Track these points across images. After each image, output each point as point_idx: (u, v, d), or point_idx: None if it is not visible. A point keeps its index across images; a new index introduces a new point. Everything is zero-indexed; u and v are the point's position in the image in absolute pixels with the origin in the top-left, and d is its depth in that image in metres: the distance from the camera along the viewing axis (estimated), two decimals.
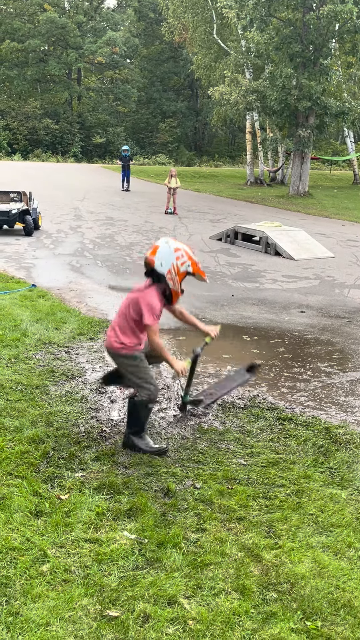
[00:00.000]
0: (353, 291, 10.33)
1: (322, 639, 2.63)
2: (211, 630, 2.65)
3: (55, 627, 2.62)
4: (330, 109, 25.07)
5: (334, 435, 4.66)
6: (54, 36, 52.52)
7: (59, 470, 3.94)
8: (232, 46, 32.50)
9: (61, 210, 19.05)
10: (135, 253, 12.76)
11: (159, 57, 58.69)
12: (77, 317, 7.68)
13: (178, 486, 3.85)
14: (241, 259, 12.86)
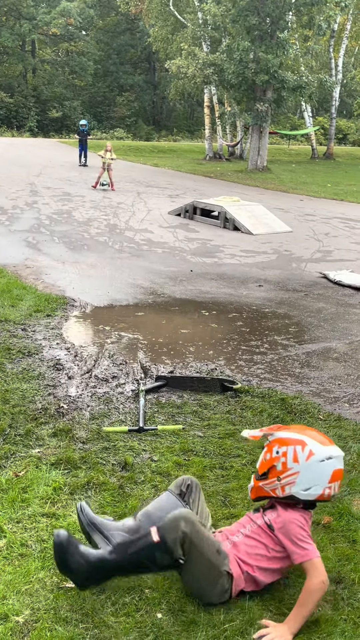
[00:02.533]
0: (310, 265, 10.45)
1: (275, 602, 2.70)
2: (167, 598, 2.69)
3: (11, 600, 2.63)
4: (288, 82, 25.08)
5: (290, 406, 4.74)
6: (6, 6, 51.01)
7: (16, 447, 3.93)
8: (189, 18, 32.14)
9: (17, 185, 18.69)
10: (93, 229, 12.64)
11: (115, 29, 57.65)
12: (34, 294, 7.60)
13: (135, 459, 3.87)
14: (200, 234, 12.86)
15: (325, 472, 2.73)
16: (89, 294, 7.92)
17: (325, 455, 2.75)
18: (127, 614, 2.59)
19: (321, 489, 2.73)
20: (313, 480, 2.73)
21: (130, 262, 9.93)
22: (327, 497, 2.75)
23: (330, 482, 2.74)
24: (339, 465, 2.78)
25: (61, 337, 6.13)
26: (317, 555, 2.66)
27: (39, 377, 5.08)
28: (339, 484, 2.81)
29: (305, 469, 2.73)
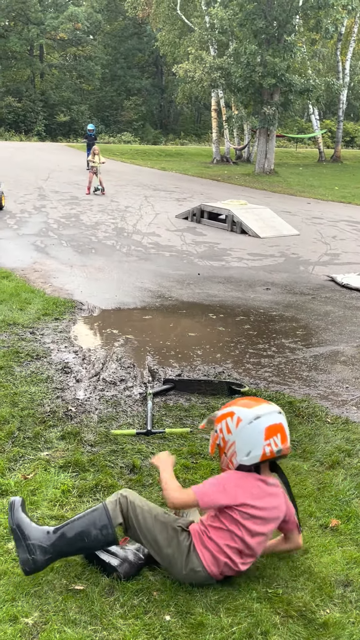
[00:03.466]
0: (317, 268, 10.45)
1: (283, 605, 2.71)
2: (175, 600, 2.70)
3: (20, 602, 2.65)
4: (295, 86, 25.09)
5: (297, 409, 4.75)
6: (14, 11, 51.25)
7: (24, 450, 3.95)
8: (196, 22, 32.21)
9: (25, 190, 18.78)
10: (101, 233, 12.68)
11: (123, 34, 57.81)
12: (42, 297, 7.63)
13: (143, 462, 3.89)
14: (207, 238, 12.88)
15: (257, 432, 2.76)
16: (97, 297, 7.95)
17: (252, 416, 2.79)
18: (135, 616, 2.60)
19: (261, 449, 2.76)
20: (249, 443, 2.77)
21: (138, 266, 9.96)
22: (271, 454, 2.77)
23: (266, 439, 2.76)
24: (271, 421, 2.79)
25: (69, 341, 6.16)
26: (196, 490, 2.77)
27: (47, 380, 5.10)
28: (282, 438, 2.79)
29: (238, 435, 2.78)
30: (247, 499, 2.76)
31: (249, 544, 2.77)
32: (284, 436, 2.81)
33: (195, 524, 2.88)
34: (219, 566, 2.77)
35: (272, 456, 2.79)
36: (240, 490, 2.77)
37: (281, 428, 2.81)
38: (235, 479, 2.81)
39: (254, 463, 2.79)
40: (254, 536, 2.78)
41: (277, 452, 2.78)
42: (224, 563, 2.76)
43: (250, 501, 2.76)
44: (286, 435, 2.83)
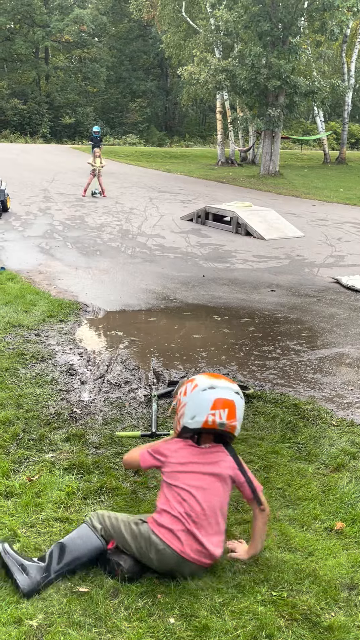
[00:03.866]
0: (322, 270, 10.43)
1: (288, 608, 2.70)
2: (179, 603, 2.70)
3: (25, 604, 2.65)
4: (300, 87, 25.07)
5: (302, 412, 4.74)
6: (20, 14, 51.43)
7: (29, 452, 3.95)
8: (201, 24, 32.22)
9: (30, 191, 18.83)
10: (106, 235, 12.70)
11: (128, 36, 57.92)
12: (47, 299, 7.64)
13: None
14: (212, 239, 12.88)
15: (207, 400, 2.90)
16: (102, 299, 7.96)
17: (208, 385, 2.95)
18: (140, 619, 2.60)
19: (204, 416, 2.90)
20: (196, 408, 2.92)
21: (143, 268, 9.96)
22: (212, 424, 2.91)
23: (212, 410, 2.90)
24: (222, 395, 2.92)
25: (74, 343, 6.17)
26: (141, 452, 3.07)
27: (52, 382, 5.11)
28: (229, 414, 2.92)
29: (191, 399, 2.95)
30: (178, 459, 2.95)
31: (193, 505, 2.86)
32: (231, 413, 2.93)
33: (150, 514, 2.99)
34: (180, 539, 2.81)
35: (214, 426, 2.92)
36: (173, 452, 2.99)
37: (231, 405, 2.94)
38: (173, 443, 3.03)
39: (196, 428, 2.93)
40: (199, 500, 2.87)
41: (220, 424, 2.92)
42: (184, 534, 2.82)
43: (182, 460, 2.95)
44: (235, 415, 2.94)
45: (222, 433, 2.98)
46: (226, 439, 3.05)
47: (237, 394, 2.98)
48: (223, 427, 2.92)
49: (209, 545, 2.84)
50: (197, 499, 2.87)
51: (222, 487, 2.95)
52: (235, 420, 2.95)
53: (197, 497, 2.87)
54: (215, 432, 2.97)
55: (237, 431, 3.01)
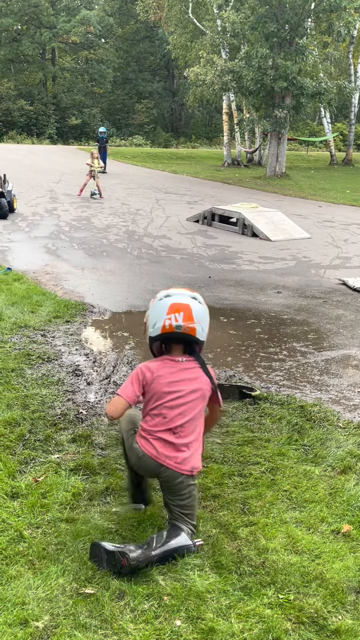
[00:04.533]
0: (329, 271, 10.41)
1: (295, 611, 2.69)
2: (186, 605, 2.69)
3: (31, 605, 2.64)
4: (307, 89, 25.03)
5: (309, 413, 4.72)
6: (27, 15, 51.52)
7: (35, 453, 3.95)
8: (208, 26, 32.23)
9: (37, 192, 18.86)
10: (112, 236, 12.70)
11: (134, 37, 57.95)
12: (53, 300, 7.65)
13: None
14: (218, 241, 12.87)
15: (163, 307, 3.13)
16: (108, 300, 7.96)
17: (164, 294, 3.21)
18: (146, 621, 2.59)
19: (162, 321, 3.12)
20: (155, 316, 3.16)
21: (149, 269, 9.96)
22: (169, 328, 3.11)
23: (168, 314, 3.11)
24: (177, 300, 3.14)
25: (80, 343, 6.17)
26: (120, 394, 3.12)
27: (58, 383, 5.11)
28: (185, 317, 3.10)
29: (151, 310, 3.20)
30: (159, 373, 3.13)
31: (168, 415, 3.09)
32: (187, 316, 3.11)
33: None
34: (154, 446, 3.08)
35: (171, 330, 3.11)
36: (150, 371, 3.15)
37: (186, 308, 3.13)
38: (146, 364, 3.20)
39: (157, 334, 3.16)
40: (173, 408, 3.09)
41: (177, 327, 3.11)
42: (157, 441, 3.08)
43: (163, 374, 3.13)
44: (192, 318, 3.12)
45: (184, 337, 3.15)
46: (194, 347, 3.22)
47: (194, 299, 3.18)
48: (180, 330, 3.11)
49: (186, 454, 3.09)
50: (177, 413, 3.09)
51: (201, 402, 3.19)
52: (192, 322, 3.12)
53: (178, 412, 3.10)
54: (176, 336, 3.14)
55: (200, 334, 3.16)
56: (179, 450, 3.09)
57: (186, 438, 3.10)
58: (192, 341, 3.19)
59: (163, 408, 3.10)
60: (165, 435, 3.08)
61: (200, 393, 3.17)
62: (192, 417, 3.13)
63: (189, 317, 3.11)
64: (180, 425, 3.09)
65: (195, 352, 3.23)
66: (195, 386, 3.16)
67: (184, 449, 3.09)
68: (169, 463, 3.08)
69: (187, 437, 3.11)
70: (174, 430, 3.09)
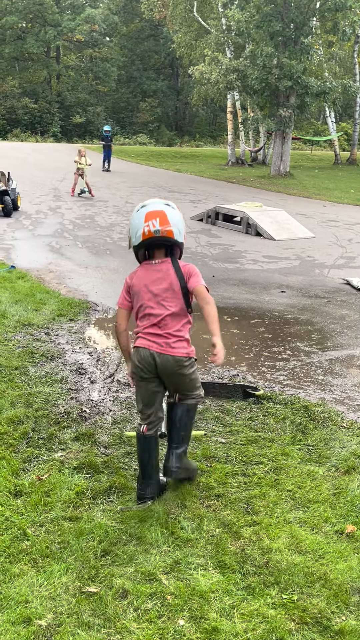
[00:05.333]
0: (333, 271, 10.39)
1: (298, 611, 2.68)
2: (189, 604, 2.69)
3: (34, 604, 2.64)
4: (311, 88, 24.97)
5: (312, 413, 4.71)
6: (32, 13, 51.49)
7: (39, 451, 3.95)
8: (213, 24, 32.17)
9: (40, 190, 18.86)
10: (116, 234, 12.70)
11: (139, 35, 57.89)
12: (57, 298, 7.65)
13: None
14: (222, 240, 12.85)
15: (140, 216, 3.42)
16: (112, 299, 7.95)
17: (139, 206, 3.49)
18: (149, 620, 2.59)
19: (141, 229, 3.40)
20: (135, 226, 3.44)
21: None
22: (148, 234, 3.39)
23: (146, 221, 3.38)
24: (152, 208, 3.42)
25: (84, 342, 6.16)
26: (118, 305, 3.64)
27: (61, 381, 5.11)
28: (160, 222, 3.37)
29: (131, 222, 3.48)
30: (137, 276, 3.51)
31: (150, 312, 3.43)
32: (163, 220, 3.38)
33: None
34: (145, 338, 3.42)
35: (151, 235, 3.39)
36: (130, 277, 3.56)
37: (161, 214, 3.40)
38: (130, 274, 3.57)
39: (139, 242, 3.44)
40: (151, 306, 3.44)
41: (155, 231, 3.39)
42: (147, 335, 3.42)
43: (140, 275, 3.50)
44: (167, 221, 3.39)
45: (164, 241, 3.43)
46: (175, 250, 3.52)
47: (167, 205, 3.47)
48: (159, 234, 3.39)
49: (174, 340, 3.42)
50: (157, 309, 3.42)
51: (176, 298, 3.44)
52: (169, 225, 3.40)
53: (157, 308, 3.42)
54: (156, 240, 3.42)
55: (177, 236, 3.43)
56: (167, 337, 3.41)
57: (172, 329, 3.43)
58: (171, 244, 3.48)
59: (145, 308, 3.46)
60: (152, 329, 3.43)
61: (172, 291, 3.43)
62: (171, 312, 3.43)
63: (165, 221, 3.39)
64: (162, 318, 3.42)
65: (174, 255, 3.52)
66: (167, 284, 3.43)
67: (171, 337, 3.42)
68: (162, 349, 3.40)
69: (172, 328, 3.43)
70: (158, 324, 3.42)
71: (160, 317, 3.41)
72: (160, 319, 3.41)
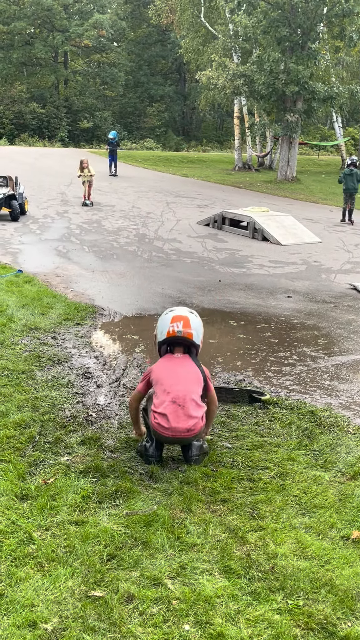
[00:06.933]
0: (339, 276, 10.38)
1: (304, 617, 2.68)
2: (195, 609, 2.68)
3: (40, 607, 2.64)
4: (318, 93, 24.99)
5: (319, 419, 4.71)
6: (40, 18, 51.75)
7: (45, 455, 3.96)
8: (220, 30, 32.25)
9: (48, 195, 18.93)
10: (123, 239, 12.73)
11: (147, 41, 58.07)
12: (64, 302, 7.67)
13: (163, 469, 3.88)
14: (229, 244, 12.86)
15: (167, 318, 4.06)
16: (118, 303, 7.97)
17: (167, 310, 4.15)
18: (154, 625, 2.59)
19: (167, 328, 4.02)
20: (162, 326, 4.08)
21: (159, 272, 9.97)
22: (172, 332, 4.01)
23: (171, 323, 4.01)
24: (178, 313, 4.06)
25: (90, 346, 6.18)
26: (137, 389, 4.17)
27: (68, 385, 5.12)
28: (184, 324, 4.00)
29: (159, 323, 4.14)
30: (157, 371, 4.01)
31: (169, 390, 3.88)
32: (186, 324, 4.02)
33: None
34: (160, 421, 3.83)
35: (174, 334, 4.01)
36: (151, 367, 4.09)
37: (185, 319, 4.04)
38: (151, 367, 4.11)
39: (164, 339, 4.05)
40: (172, 385, 3.90)
41: (178, 332, 4.01)
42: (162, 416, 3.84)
43: (159, 371, 4.00)
44: (189, 325, 4.02)
45: (184, 341, 4.04)
46: (192, 350, 4.09)
47: (191, 313, 4.11)
48: (181, 334, 4.00)
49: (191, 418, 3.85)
50: (176, 388, 3.88)
51: (196, 383, 3.96)
52: (190, 329, 4.02)
53: (176, 388, 3.88)
54: (177, 339, 4.02)
55: (196, 338, 4.04)
56: (188, 417, 3.84)
57: (189, 410, 3.85)
58: (190, 344, 4.07)
59: (164, 387, 3.90)
60: (169, 409, 3.83)
61: (194, 376, 3.98)
62: (190, 393, 3.89)
63: (187, 325, 4.02)
64: (180, 397, 3.86)
65: (192, 353, 4.11)
66: (188, 370, 3.99)
67: (188, 418, 3.84)
68: (177, 432, 3.83)
69: (189, 408, 3.85)
70: (176, 402, 3.85)
71: (179, 396, 3.87)
72: (180, 397, 3.87)
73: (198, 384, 3.97)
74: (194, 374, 3.98)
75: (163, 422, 3.83)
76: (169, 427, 3.82)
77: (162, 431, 3.84)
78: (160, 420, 3.85)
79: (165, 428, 3.83)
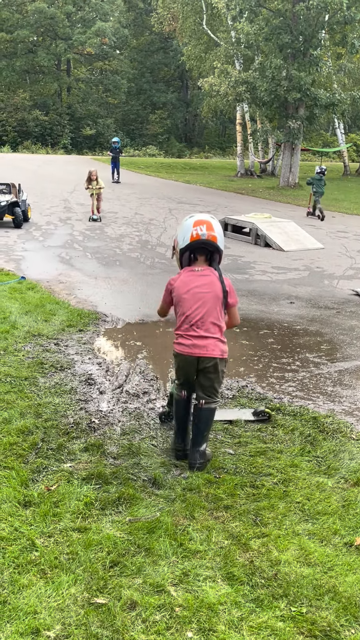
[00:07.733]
0: (342, 282, 10.37)
1: (307, 624, 2.67)
2: (197, 616, 2.68)
3: (43, 614, 2.64)
4: (320, 100, 25.06)
5: (321, 425, 4.70)
6: (43, 27, 52.09)
7: (48, 461, 3.96)
8: (222, 37, 32.38)
9: (50, 202, 18.98)
10: (125, 245, 12.75)
11: (149, 48, 58.38)
12: (67, 309, 7.68)
13: (166, 476, 3.87)
14: (231, 251, 12.87)
15: (189, 224, 3.97)
16: (121, 310, 7.98)
17: (188, 216, 4.04)
18: (157, 632, 2.58)
19: (190, 233, 3.93)
20: (184, 232, 3.98)
21: (162, 278, 9.98)
22: (196, 236, 3.93)
23: (194, 227, 3.94)
24: (199, 217, 3.98)
25: (93, 352, 6.18)
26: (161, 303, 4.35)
27: (71, 392, 5.12)
28: (207, 228, 3.93)
29: (180, 229, 4.03)
30: (178, 287, 4.04)
31: (189, 314, 3.98)
32: (209, 227, 3.95)
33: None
34: (184, 344, 3.98)
35: (198, 237, 3.93)
36: (173, 280, 4.11)
37: (208, 223, 3.97)
38: (178, 275, 4.10)
39: (187, 244, 3.97)
40: (192, 308, 3.97)
41: (202, 235, 3.94)
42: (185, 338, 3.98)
43: (180, 287, 4.03)
44: (213, 228, 3.95)
45: (208, 246, 3.98)
46: (215, 257, 4.07)
47: (212, 218, 4.02)
48: (205, 237, 3.93)
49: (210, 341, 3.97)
50: (196, 311, 3.96)
51: (216, 301, 3.98)
52: (214, 232, 3.96)
53: (196, 310, 3.96)
54: (202, 243, 3.96)
55: (220, 242, 4.00)
56: (203, 339, 3.95)
57: (208, 331, 3.96)
58: (214, 249, 4.02)
59: (185, 309, 3.99)
60: (190, 332, 3.96)
61: (213, 294, 3.97)
62: (209, 314, 3.97)
63: (211, 227, 3.95)
64: (199, 320, 3.95)
65: (215, 262, 4.08)
66: (208, 289, 3.97)
67: (207, 338, 3.95)
68: (197, 352, 3.94)
69: (208, 329, 3.96)
70: (195, 325, 3.95)
71: (198, 319, 3.96)
72: (198, 320, 3.96)
73: (218, 301, 4.00)
74: (214, 293, 3.98)
75: (184, 342, 3.98)
76: (189, 345, 3.95)
77: (182, 350, 3.97)
78: (180, 340, 4.00)
79: (185, 346, 3.96)
